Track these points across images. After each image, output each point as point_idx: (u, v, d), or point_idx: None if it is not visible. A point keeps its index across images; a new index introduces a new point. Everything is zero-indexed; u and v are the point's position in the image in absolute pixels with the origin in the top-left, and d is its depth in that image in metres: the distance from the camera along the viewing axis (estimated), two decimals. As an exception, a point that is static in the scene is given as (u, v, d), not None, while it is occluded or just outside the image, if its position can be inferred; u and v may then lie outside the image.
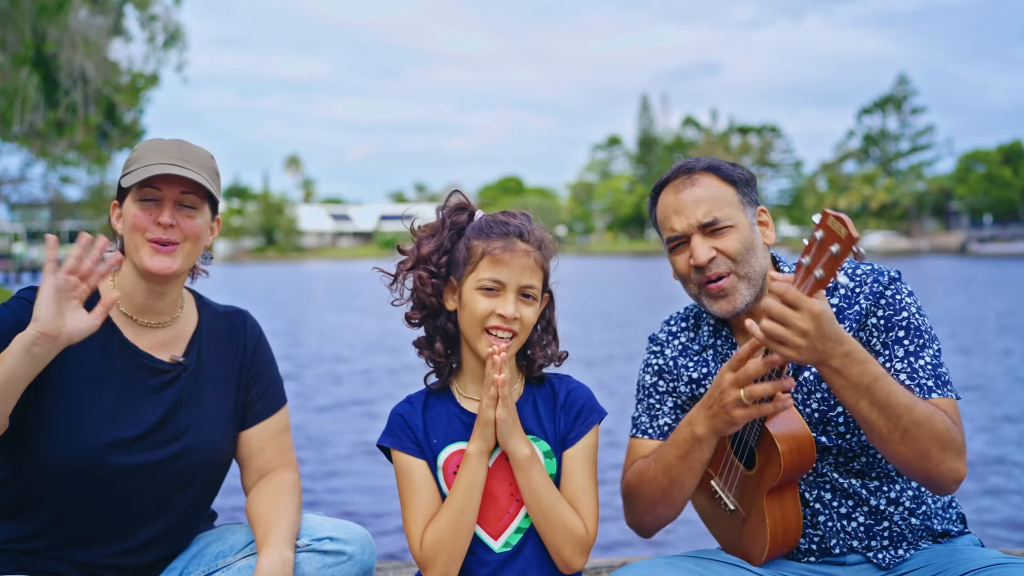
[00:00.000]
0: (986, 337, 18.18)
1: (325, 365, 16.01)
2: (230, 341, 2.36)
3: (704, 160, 2.21)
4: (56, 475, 2.07)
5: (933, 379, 2.01)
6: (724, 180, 2.17)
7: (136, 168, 2.15)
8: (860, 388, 1.83)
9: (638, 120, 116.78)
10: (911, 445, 1.87)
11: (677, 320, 2.39)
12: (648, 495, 2.14)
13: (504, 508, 2.04)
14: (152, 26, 27.95)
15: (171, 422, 2.19)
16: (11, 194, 31.19)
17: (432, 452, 2.07)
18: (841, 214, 1.70)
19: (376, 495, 7.54)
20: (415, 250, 2.08)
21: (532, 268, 2.00)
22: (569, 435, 2.07)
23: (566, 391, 2.11)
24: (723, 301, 2.13)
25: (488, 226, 2.02)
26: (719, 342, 2.27)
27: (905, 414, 1.85)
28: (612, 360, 15.27)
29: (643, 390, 2.34)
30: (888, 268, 2.15)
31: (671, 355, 2.31)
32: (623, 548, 5.77)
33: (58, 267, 1.91)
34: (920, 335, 2.05)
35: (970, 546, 2.13)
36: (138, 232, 2.14)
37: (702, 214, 2.12)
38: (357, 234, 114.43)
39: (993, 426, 9.90)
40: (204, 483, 2.29)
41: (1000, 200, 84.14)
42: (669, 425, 2.27)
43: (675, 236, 2.17)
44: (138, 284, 2.20)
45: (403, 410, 2.12)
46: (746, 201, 2.17)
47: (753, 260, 2.12)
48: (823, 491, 2.12)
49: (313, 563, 2.13)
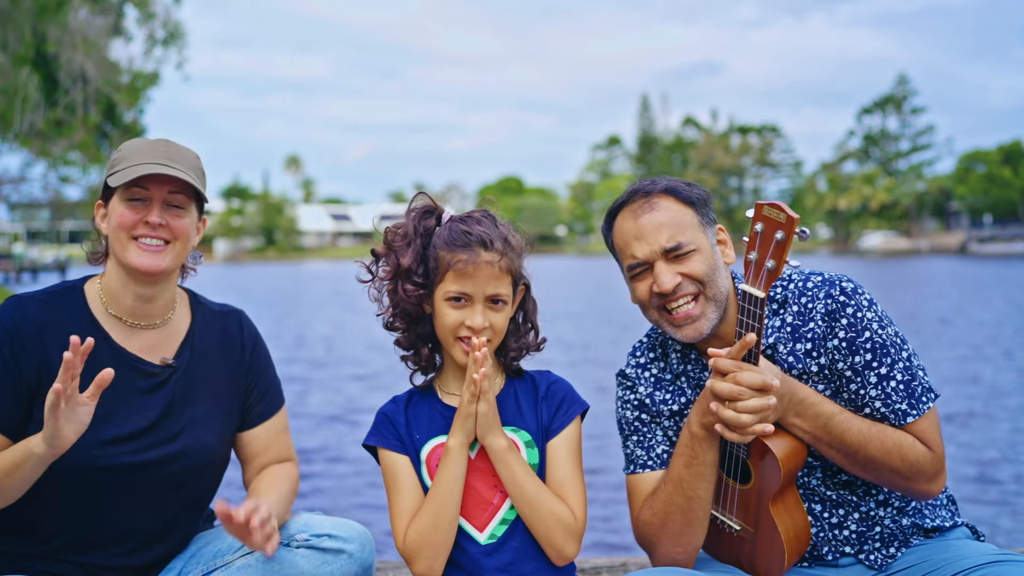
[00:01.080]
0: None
1: (331, 368, 16.01)
2: (226, 343, 2.34)
3: (661, 182, 2.14)
4: (53, 478, 2.06)
5: (907, 399, 2.01)
6: (683, 202, 2.11)
7: (123, 168, 2.13)
8: (815, 434, 1.96)
9: (638, 120, 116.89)
10: (873, 475, 1.99)
11: (644, 351, 2.30)
12: (669, 522, 2.05)
13: (488, 500, 2.06)
14: (151, 25, 27.94)
15: (165, 424, 2.18)
16: (11, 194, 31.15)
17: (415, 447, 2.10)
18: (775, 201, 1.73)
19: (377, 495, 7.54)
20: (394, 260, 2.06)
21: (497, 276, 2.00)
22: (552, 426, 2.10)
23: (547, 384, 2.15)
24: (689, 328, 2.07)
25: (451, 237, 2.01)
26: (690, 367, 2.21)
27: (860, 451, 1.96)
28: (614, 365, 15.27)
29: (628, 426, 2.25)
30: (839, 276, 2.10)
31: (646, 391, 2.24)
32: (619, 551, 5.77)
33: (65, 379, 1.84)
34: (887, 352, 2.02)
35: (963, 540, 2.12)
36: (124, 231, 2.13)
37: (665, 239, 2.06)
38: (357, 234, 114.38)
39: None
40: (201, 484, 2.29)
41: (1000, 200, 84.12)
42: (667, 452, 2.19)
43: (637, 263, 2.10)
44: (125, 285, 2.18)
45: (387, 409, 2.17)
46: (705, 222, 2.12)
47: (719, 280, 2.08)
48: (813, 503, 2.11)
49: (312, 560, 2.13)
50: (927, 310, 23.66)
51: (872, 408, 2.01)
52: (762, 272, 1.78)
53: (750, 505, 2.02)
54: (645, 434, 2.22)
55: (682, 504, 2.02)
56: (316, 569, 2.13)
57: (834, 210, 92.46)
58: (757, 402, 1.83)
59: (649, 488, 2.16)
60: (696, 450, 1.99)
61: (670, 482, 2.05)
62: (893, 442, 1.96)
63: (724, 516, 2.08)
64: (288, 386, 9.54)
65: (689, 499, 2.02)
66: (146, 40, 28.01)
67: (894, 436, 1.98)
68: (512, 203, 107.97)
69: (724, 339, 2.13)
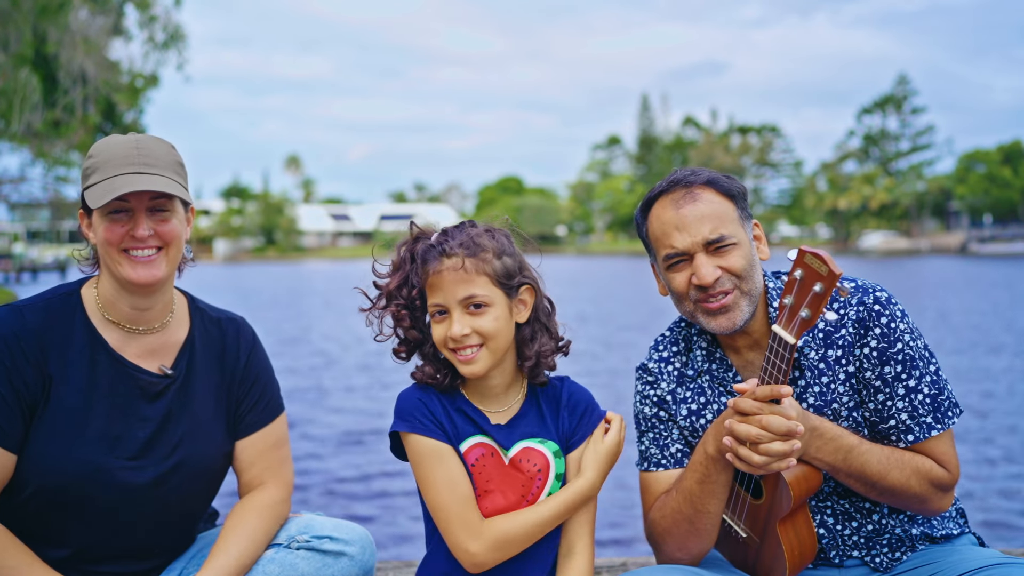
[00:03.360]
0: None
1: (332, 368, 16.00)
2: (223, 351, 2.28)
3: (703, 173, 2.10)
4: (52, 493, 2.03)
5: (933, 413, 2.00)
6: (724, 195, 2.07)
7: (97, 181, 2.04)
8: (835, 466, 1.96)
9: (638, 120, 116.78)
10: (890, 500, 2.02)
11: (667, 344, 2.25)
12: (676, 529, 2.05)
13: (514, 506, 2.01)
14: (151, 26, 27.94)
15: (163, 437, 2.14)
16: (11, 194, 31.16)
17: (455, 440, 2.01)
18: (819, 250, 1.68)
19: (377, 496, 7.53)
20: (385, 287, 2.04)
21: (466, 279, 1.93)
22: (574, 437, 2.06)
23: (568, 392, 2.10)
24: (723, 317, 2.04)
25: (423, 255, 1.98)
26: (714, 366, 2.17)
27: (880, 481, 1.96)
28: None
29: (645, 422, 2.22)
30: (873, 285, 2.07)
31: (668, 388, 2.20)
32: (622, 548, 5.77)
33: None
34: (916, 365, 2.01)
35: (968, 546, 2.12)
36: (113, 247, 2.06)
37: (708, 231, 2.02)
38: (357, 234, 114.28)
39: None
40: (201, 490, 2.26)
41: (1000, 200, 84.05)
42: (682, 451, 2.17)
43: (675, 253, 2.06)
44: (120, 294, 2.13)
45: (420, 395, 2.03)
46: (744, 216, 2.09)
47: (755, 276, 2.06)
48: (825, 516, 2.10)
49: (312, 562, 2.12)
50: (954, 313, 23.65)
51: (898, 420, 2.00)
52: (796, 319, 1.74)
53: (759, 518, 2.00)
54: (661, 432, 2.19)
55: (690, 515, 2.01)
56: (316, 571, 2.12)
57: (834, 210, 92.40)
58: (780, 446, 1.79)
59: (662, 487, 2.14)
60: (710, 470, 1.96)
61: (681, 492, 2.03)
62: (912, 468, 1.97)
63: (733, 521, 2.07)
64: (288, 386, 9.38)
65: (698, 512, 2.00)
66: (146, 42, 28.00)
67: (912, 462, 1.98)
68: (512, 203, 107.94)
69: (751, 336, 2.11)
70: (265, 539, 2.16)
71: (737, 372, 2.14)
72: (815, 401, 2.04)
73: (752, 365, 2.12)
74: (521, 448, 2.03)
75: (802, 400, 2.05)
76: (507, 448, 2.02)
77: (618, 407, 2.10)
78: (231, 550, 2.09)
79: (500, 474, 2.00)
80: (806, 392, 2.05)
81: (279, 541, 2.18)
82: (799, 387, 2.06)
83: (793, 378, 2.06)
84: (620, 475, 7.78)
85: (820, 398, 2.04)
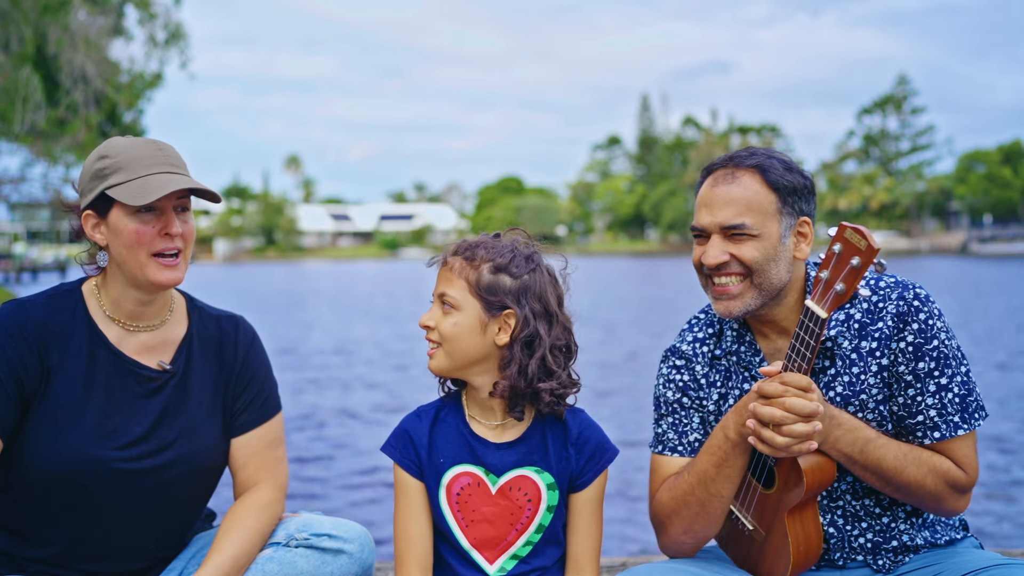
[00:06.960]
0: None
1: (333, 368, 16.01)
2: (221, 346, 2.29)
3: (759, 154, 2.08)
4: (47, 487, 2.04)
5: (960, 412, 2.00)
6: (768, 184, 2.03)
7: (124, 180, 2.04)
8: (851, 457, 1.96)
9: (638, 120, 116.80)
10: (905, 497, 2.01)
11: (702, 326, 2.24)
12: (685, 511, 2.04)
13: (503, 536, 2.02)
14: (152, 26, 27.94)
15: (159, 432, 2.14)
16: (11, 194, 31.16)
17: (436, 472, 2.04)
18: (859, 226, 1.70)
19: (377, 496, 7.54)
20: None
21: (448, 277, 1.99)
22: (582, 478, 2.05)
23: (578, 428, 2.07)
24: (721, 303, 2.06)
25: (450, 248, 2.07)
26: (742, 348, 2.16)
27: (896, 476, 1.96)
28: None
29: (665, 405, 2.20)
30: (912, 282, 2.07)
31: (703, 371, 2.19)
32: (621, 549, 5.77)
33: None
34: (949, 363, 2.01)
35: (969, 548, 2.13)
36: (142, 248, 2.06)
37: (730, 215, 2.01)
38: (357, 234, 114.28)
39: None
40: (198, 489, 2.26)
41: (1000, 200, 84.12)
42: (700, 440, 2.16)
43: (697, 228, 2.08)
44: (126, 293, 2.14)
45: (410, 425, 2.09)
46: (787, 211, 2.04)
47: (772, 271, 2.02)
48: (836, 516, 2.10)
49: (311, 560, 2.13)
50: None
51: (926, 416, 2.00)
52: (830, 293, 1.75)
53: (767, 509, 2.00)
54: (682, 418, 2.18)
55: (702, 498, 2.01)
56: (315, 569, 2.12)
57: (834, 210, 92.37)
58: (803, 428, 1.80)
59: (673, 471, 2.15)
60: (729, 454, 1.96)
61: (695, 474, 2.03)
62: (929, 467, 1.97)
63: (740, 513, 2.06)
64: (288, 386, 9.41)
65: (711, 495, 2.00)
66: (146, 41, 28.01)
67: (929, 461, 1.98)
68: (512, 203, 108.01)
69: (777, 324, 2.10)
70: (260, 539, 2.17)
71: (765, 357, 2.14)
72: (843, 390, 2.05)
73: (780, 353, 2.13)
74: (514, 476, 2.02)
75: (830, 388, 2.05)
76: (499, 474, 2.02)
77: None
78: (227, 550, 2.10)
79: (486, 504, 2.01)
80: (835, 381, 2.05)
81: (278, 539, 2.19)
82: (828, 375, 2.06)
83: (823, 366, 2.06)
84: (622, 477, 7.81)
85: (848, 387, 2.04)
